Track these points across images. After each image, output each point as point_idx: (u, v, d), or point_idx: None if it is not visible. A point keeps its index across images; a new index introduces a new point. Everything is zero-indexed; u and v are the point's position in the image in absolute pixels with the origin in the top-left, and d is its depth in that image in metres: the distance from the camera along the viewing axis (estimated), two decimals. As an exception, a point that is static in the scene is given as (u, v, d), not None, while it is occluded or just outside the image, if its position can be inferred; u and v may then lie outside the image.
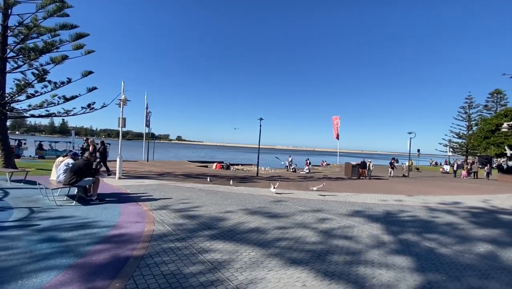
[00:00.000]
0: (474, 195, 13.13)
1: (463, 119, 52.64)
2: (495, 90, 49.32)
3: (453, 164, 31.81)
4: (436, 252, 4.69)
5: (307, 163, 26.42)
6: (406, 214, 7.82)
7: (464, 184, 19.67)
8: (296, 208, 7.88)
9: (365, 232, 5.73)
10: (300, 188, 12.94)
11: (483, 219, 7.74)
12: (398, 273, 3.70)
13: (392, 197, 11.19)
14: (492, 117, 33.82)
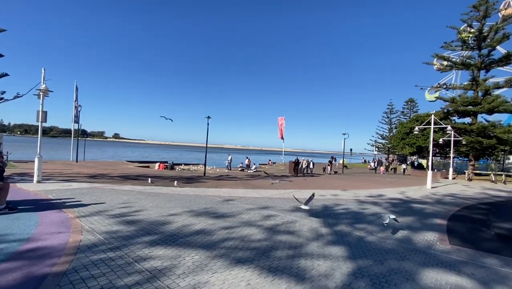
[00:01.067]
0: (393, 188, 15.32)
1: (386, 123, 61.02)
2: (409, 99, 58.57)
3: (374, 160, 35.23)
4: (364, 240, 5.28)
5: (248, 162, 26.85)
6: (340, 207, 8.62)
7: (386, 179, 22.82)
8: (243, 207, 7.93)
9: (306, 226, 6.10)
10: (247, 186, 13.09)
11: (400, 208, 9.07)
12: (334, 263, 4.03)
13: (330, 192, 12.23)
14: (407, 122, 40.04)
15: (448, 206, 9.92)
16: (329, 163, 26.45)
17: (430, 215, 8.13)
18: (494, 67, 26.40)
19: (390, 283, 3.46)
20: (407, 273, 3.80)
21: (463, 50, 27.22)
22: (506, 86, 26.02)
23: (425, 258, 4.42)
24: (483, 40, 25.10)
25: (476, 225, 7.03)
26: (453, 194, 13.78)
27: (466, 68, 26.95)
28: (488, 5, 24.68)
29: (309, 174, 22.17)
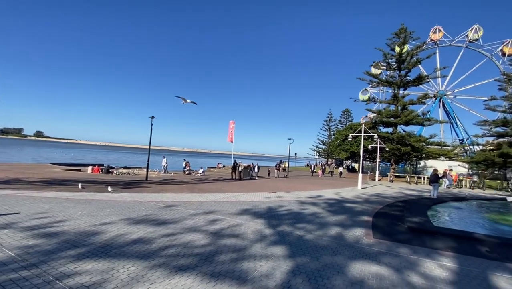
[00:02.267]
0: (330, 189, 16.81)
1: (326, 130, 66.79)
2: (345, 110, 65.41)
3: (310, 165, 36.31)
4: (303, 238, 5.66)
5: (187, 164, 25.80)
6: (284, 208, 9.07)
7: (325, 181, 24.90)
8: (188, 212, 7.67)
9: (250, 228, 6.23)
10: (194, 191, 12.69)
11: (335, 207, 10.00)
12: (275, 262, 4.22)
13: (275, 194, 12.74)
14: (343, 130, 44.53)
15: (374, 204, 11.35)
16: (277, 166, 27.46)
17: (359, 213, 9.17)
18: (409, 86, 31.48)
19: (324, 277, 3.79)
20: (338, 266, 4.22)
21: (387, 70, 31.74)
22: (418, 103, 31.29)
23: (353, 252, 4.98)
24: (402, 63, 29.73)
25: (394, 220, 8.21)
26: (378, 193, 15.83)
27: (389, 86, 31.49)
28: (406, 34, 29.36)
29: (253, 177, 22.55)
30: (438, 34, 50.03)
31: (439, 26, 49.91)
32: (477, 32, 47.83)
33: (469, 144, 43.51)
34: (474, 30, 48.05)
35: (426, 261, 4.75)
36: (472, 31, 48.12)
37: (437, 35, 50.12)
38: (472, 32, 48.11)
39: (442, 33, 50.09)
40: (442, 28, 50.03)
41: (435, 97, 50.59)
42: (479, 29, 47.78)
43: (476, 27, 48.11)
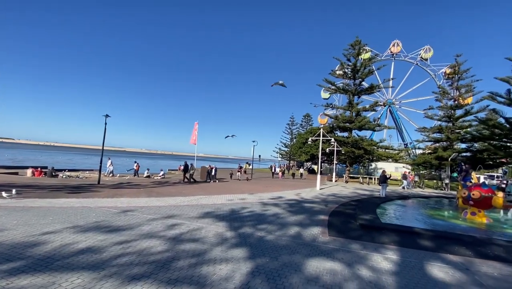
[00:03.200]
0: (291, 190, 17.40)
1: (288, 133, 69.03)
2: (306, 114, 68.46)
3: (271, 167, 36.58)
4: (264, 239, 5.76)
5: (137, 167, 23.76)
6: (246, 210, 9.12)
7: (287, 182, 25.70)
8: (145, 217, 7.26)
9: (211, 231, 6.14)
10: (152, 194, 12.05)
11: (295, 208, 10.37)
12: (235, 265, 4.22)
13: (238, 196, 12.75)
14: (304, 133, 46.54)
15: (331, 204, 12.04)
16: (239, 168, 27.53)
17: (317, 212, 9.65)
18: (363, 94, 34.21)
19: (282, 276, 3.90)
20: (295, 265, 4.38)
21: (344, 78, 34.09)
22: (370, 110, 34.16)
23: (310, 250, 5.22)
24: (356, 72, 32.20)
25: (348, 218, 8.81)
26: (335, 193, 16.84)
27: (345, 93, 33.82)
28: (360, 46, 31.87)
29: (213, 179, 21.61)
30: (396, 48, 55.56)
31: (398, 41, 55.26)
32: (427, 52, 54.37)
33: (412, 148, 48.86)
34: (426, 50, 54.47)
35: (374, 255, 5.19)
36: (424, 51, 54.47)
37: (395, 48, 55.66)
38: (423, 52, 54.44)
39: (400, 48, 55.72)
40: (400, 43, 55.59)
41: (384, 105, 55.77)
42: (429, 50, 54.25)
43: (427, 47, 54.52)
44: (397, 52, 56.22)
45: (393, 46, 55.99)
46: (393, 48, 55.67)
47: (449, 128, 31.10)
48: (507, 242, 6.46)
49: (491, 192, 9.68)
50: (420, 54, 54.75)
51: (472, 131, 29.94)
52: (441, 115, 32.02)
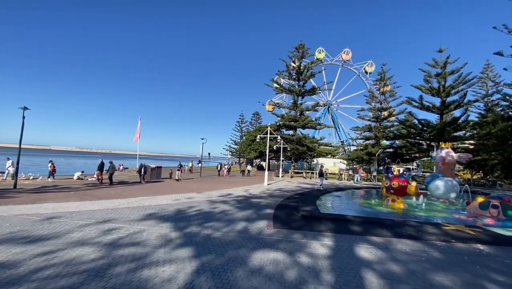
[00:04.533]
0: (240, 187, 17.64)
1: (238, 130, 69.58)
2: (255, 112, 70.02)
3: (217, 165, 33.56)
4: (211, 237, 5.74)
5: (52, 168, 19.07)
6: (193, 209, 8.91)
7: (237, 179, 25.91)
8: (75, 224, 6.46)
9: (154, 234, 5.83)
10: (85, 198, 10.76)
11: (243, 204, 10.57)
12: (179, 265, 4.11)
13: (185, 196, 12.33)
14: (253, 131, 47.51)
15: (277, 198, 12.62)
16: (179, 167, 25.55)
17: (264, 207, 10.01)
18: (306, 95, 36.62)
19: (227, 271, 3.97)
20: (241, 259, 4.50)
21: (289, 79, 35.92)
22: (312, 110, 36.80)
23: (255, 243, 5.42)
24: (300, 74, 34.27)
25: (291, 211, 9.39)
26: (281, 188, 17.70)
27: (291, 93, 35.73)
28: (304, 50, 34.02)
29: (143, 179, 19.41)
30: (321, 54, 60.86)
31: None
32: (370, 67, 61.19)
33: (347, 145, 54.49)
34: (345, 52, 61.12)
35: (312, 242, 5.67)
36: (344, 54, 61.02)
37: (321, 54, 60.94)
38: (344, 54, 60.97)
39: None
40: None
41: (324, 106, 60.82)
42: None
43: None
44: (347, 60, 62.10)
45: (344, 54, 61.66)
46: (318, 54, 61.09)
47: (377, 128, 35.63)
48: (417, 223, 7.79)
49: (407, 182, 11.50)
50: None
51: (394, 131, 34.89)
52: (371, 116, 36.49)
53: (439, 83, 30.88)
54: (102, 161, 18.27)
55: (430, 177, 14.03)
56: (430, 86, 31.34)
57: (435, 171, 14.34)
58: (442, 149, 13.86)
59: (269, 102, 58.65)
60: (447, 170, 13.40)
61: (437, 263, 4.70)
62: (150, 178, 20.63)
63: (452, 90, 30.06)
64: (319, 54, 60.78)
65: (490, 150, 29.76)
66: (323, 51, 60.15)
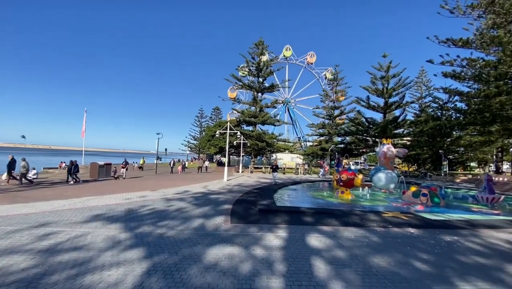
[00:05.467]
0: (199, 184, 17.27)
1: (197, 126, 67.78)
2: (216, 107, 69.00)
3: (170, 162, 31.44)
4: (164, 236, 5.53)
5: None
6: (146, 208, 8.46)
7: (195, 176, 25.29)
8: (2, 230, 5.62)
9: (100, 236, 5.39)
10: (16, 200, 9.39)
11: (201, 200, 10.38)
12: (128, 267, 3.88)
13: (137, 194, 11.62)
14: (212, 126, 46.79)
15: (236, 193, 12.68)
16: (124, 164, 22.97)
17: (222, 202, 9.98)
18: (266, 92, 37.29)
19: (180, 269, 3.88)
20: (196, 256, 4.44)
21: (249, 75, 36.11)
22: (271, 106, 37.64)
23: (211, 239, 5.39)
24: (260, 71, 34.69)
25: (249, 205, 9.53)
26: (240, 183, 17.82)
27: (250, 90, 35.99)
28: (263, 46, 34.44)
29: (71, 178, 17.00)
30: (288, 52, 62.73)
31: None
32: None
33: (304, 141, 57.22)
34: (311, 55, 63.87)
35: (268, 235, 5.85)
36: (309, 56, 63.74)
37: (288, 52, 62.81)
38: (309, 57, 63.69)
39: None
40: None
41: (282, 103, 62.70)
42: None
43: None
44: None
45: (286, 51, 63.81)
46: (286, 52, 63.38)
47: (330, 125, 38.02)
48: (361, 211, 8.58)
49: (354, 175, 12.55)
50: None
51: (345, 128, 37.64)
52: (325, 114, 38.77)
53: (383, 85, 34.24)
54: (12, 157, 14.85)
55: (374, 170, 15.54)
56: (376, 87, 34.58)
57: (378, 165, 15.92)
58: (384, 145, 15.43)
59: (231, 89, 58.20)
60: (388, 163, 14.98)
61: (376, 247, 5.26)
62: (98, 176, 18.92)
63: (393, 92, 33.64)
64: (286, 52, 62.50)
65: (423, 146, 34.16)
66: (290, 49, 61.81)
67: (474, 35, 19.55)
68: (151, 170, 30.11)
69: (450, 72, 20.81)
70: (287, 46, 62.53)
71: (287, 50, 62.88)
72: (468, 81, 21.31)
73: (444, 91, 23.21)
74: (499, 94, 18.27)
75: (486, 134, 26.64)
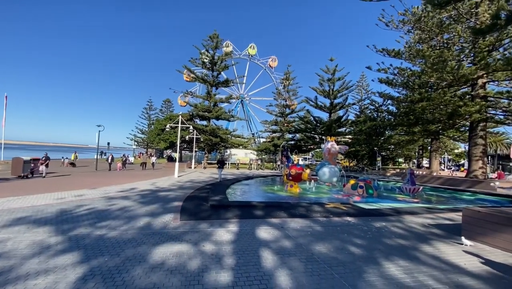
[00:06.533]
0: (147, 180, 16.25)
1: (146, 118, 63.30)
2: (166, 99, 65.27)
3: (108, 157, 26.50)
4: (105, 237, 5.09)
5: None
6: (84, 208, 7.64)
7: (143, 172, 23.68)
8: None
9: (25, 241, 4.70)
10: None
11: (148, 198, 9.81)
12: (59, 274, 3.48)
13: (73, 193, 10.39)
14: (162, 120, 44.31)
15: (187, 190, 12.32)
16: (43, 160, 18.29)
17: (172, 199, 9.60)
18: (220, 86, 36.79)
19: (123, 271, 3.64)
20: (140, 256, 4.21)
21: (203, 68, 35.11)
22: (226, 101, 37.35)
23: (159, 238, 5.16)
24: (214, 64, 34.02)
25: (201, 201, 9.38)
26: (192, 179, 17.35)
27: (204, 83, 35.06)
28: (218, 40, 33.78)
29: None
30: (253, 50, 63.18)
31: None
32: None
33: (257, 137, 58.39)
34: (252, 47, 65.15)
35: (218, 230, 5.87)
36: (251, 48, 64.96)
37: (252, 50, 63.14)
38: (251, 49, 64.91)
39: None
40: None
41: (237, 99, 62.84)
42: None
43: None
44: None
45: (250, 48, 64.24)
46: (250, 49, 63.77)
47: (282, 122, 39.55)
48: (307, 203, 9.21)
49: (302, 170, 13.35)
50: (268, 62, 66.16)
51: (295, 125, 39.58)
52: (277, 112, 40.16)
53: (329, 87, 36.97)
54: None
55: (319, 165, 16.78)
56: (323, 89, 37.16)
57: (323, 160, 17.22)
58: (328, 142, 16.73)
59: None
60: (331, 159, 16.31)
61: (318, 235, 5.74)
62: (22, 172, 16.26)
63: (338, 94, 36.62)
64: (251, 49, 62.54)
65: (361, 143, 38.10)
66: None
67: (404, 48, 22.49)
68: (87, 167, 27.10)
69: (385, 79, 23.55)
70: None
71: (252, 48, 63.08)
72: (398, 88, 24.44)
73: (379, 95, 26.16)
74: (421, 100, 21.38)
75: (411, 134, 31.07)
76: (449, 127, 25.10)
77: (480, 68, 17.26)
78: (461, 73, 17.66)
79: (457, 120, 21.95)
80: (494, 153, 44.24)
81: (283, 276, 3.70)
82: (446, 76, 18.68)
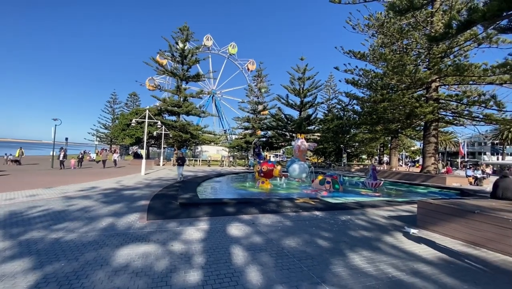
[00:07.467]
0: (110, 178, 15.27)
1: (109, 112, 59.31)
2: (132, 93, 61.68)
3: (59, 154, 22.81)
4: (61, 241, 4.69)
5: None
6: (37, 210, 6.95)
7: (107, 170, 22.22)
8: None
9: (-38, 250, 4.14)
10: None
11: (112, 197, 9.23)
12: (7, 283, 3.14)
13: (24, 193, 9.40)
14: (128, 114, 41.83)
15: (154, 188, 11.82)
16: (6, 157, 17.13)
17: (138, 198, 9.14)
18: (190, 81, 35.73)
19: (82, 276, 3.38)
20: (102, 259, 3.95)
21: (173, 61, 33.79)
22: (196, 97, 36.44)
23: (123, 239, 4.89)
24: (184, 58, 32.92)
25: (169, 200, 9.06)
26: (161, 177, 16.70)
27: (174, 77, 33.80)
28: (188, 33, 32.70)
29: None
30: (209, 41, 61.44)
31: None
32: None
33: (229, 133, 57.95)
34: (232, 46, 64.48)
35: (188, 229, 5.73)
36: (231, 47, 64.25)
37: (209, 42, 61.46)
38: (231, 48, 64.17)
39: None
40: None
41: (209, 94, 61.70)
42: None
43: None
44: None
45: (207, 40, 62.72)
46: (206, 42, 62.21)
47: (254, 119, 39.73)
48: (277, 199, 9.39)
49: (273, 166, 13.56)
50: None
51: (267, 123, 40.02)
52: (249, 109, 40.22)
53: (300, 86, 37.91)
54: None
55: (290, 161, 17.19)
56: (294, 87, 37.99)
57: (293, 157, 17.66)
58: (298, 139, 17.19)
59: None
60: (301, 155, 16.79)
61: (288, 230, 5.88)
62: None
63: (308, 92, 37.72)
64: (207, 41, 60.65)
65: (329, 141, 39.78)
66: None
67: (369, 50, 23.83)
68: (37, 165, 24.66)
69: (351, 80, 24.77)
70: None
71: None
72: (363, 88, 25.89)
73: (346, 95, 27.48)
74: (383, 100, 22.90)
75: (373, 132, 33.20)
76: (407, 127, 27.24)
77: (434, 72, 18.95)
78: (418, 77, 19.22)
79: (413, 120, 23.89)
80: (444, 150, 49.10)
81: (254, 272, 3.73)
82: (405, 79, 20.20)
